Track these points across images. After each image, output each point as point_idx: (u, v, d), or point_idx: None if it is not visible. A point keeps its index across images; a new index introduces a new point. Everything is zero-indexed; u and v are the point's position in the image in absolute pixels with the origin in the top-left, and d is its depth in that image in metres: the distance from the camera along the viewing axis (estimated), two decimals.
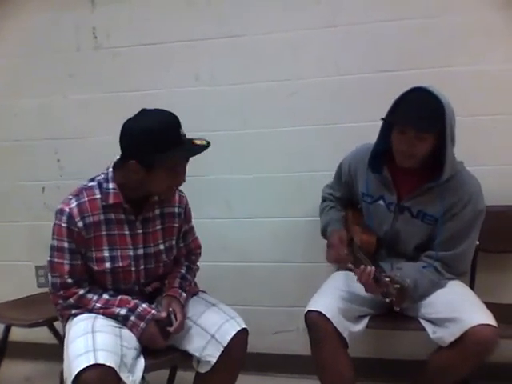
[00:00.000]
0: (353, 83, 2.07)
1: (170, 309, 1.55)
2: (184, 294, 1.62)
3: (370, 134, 1.71)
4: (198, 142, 1.50)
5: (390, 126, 1.64)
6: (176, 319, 1.53)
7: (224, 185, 2.25)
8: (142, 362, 1.48)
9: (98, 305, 1.53)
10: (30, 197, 2.42)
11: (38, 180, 2.41)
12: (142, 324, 1.51)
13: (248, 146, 2.20)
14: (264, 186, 2.21)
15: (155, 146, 1.41)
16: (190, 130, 2.10)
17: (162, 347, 1.54)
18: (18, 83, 2.38)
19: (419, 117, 1.52)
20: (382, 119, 1.62)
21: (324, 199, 2.00)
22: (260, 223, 2.24)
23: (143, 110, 1.49)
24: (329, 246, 1.79)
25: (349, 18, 2.04)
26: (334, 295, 1.67)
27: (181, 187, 1.72)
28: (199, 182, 2.22)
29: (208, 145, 1.50)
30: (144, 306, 1.54)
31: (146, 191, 1.54)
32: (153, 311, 1.54)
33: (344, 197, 1.93)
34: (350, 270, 1.67)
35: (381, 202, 1.74)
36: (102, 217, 1.52)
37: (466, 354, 1.49)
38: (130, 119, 1.47)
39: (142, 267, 1.60)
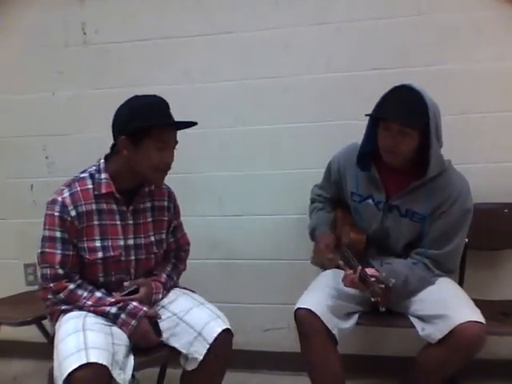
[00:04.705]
0: (344, 81, 2.07)
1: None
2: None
3: (361, 132, 1.71)
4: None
5: (377, 124, 1.64)
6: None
7: (215, 182, 2.24)
8: (131, 359, 1.47)
9: (89, 302, 1.52)
10: (18, 194, 2.40)
11: (27, 177, 2.38)
12: (134, 322, 1.50)
13: (239, 142, 2.19)
14: (255, 183, 2.21)
15: (139, 117, 1.46)
16: None
17: (154, 344, 1.54)
18: (6, 80, 2.35)
19: (402, 111, 1.54)
20: (367, 115, 1.62)
21: (313, 200, 2.00)
22: (251, 220, 2.24)
23: (134, 96, 1.54)
24: (315, 251, 1.80)
25: (339, 15, 2.04)
26: (323, 293, 1.68)
27: (172, 183, 1.72)
28: (190, 179, 2.22)
29: (192, 123, 1.54)
30: (135, 303, 1.53)
31: (136, 175, 1.55)
32: (144, 308, 1.53)
33: (333, 196, 1.93)
34: (338, 267, 1.68)
35: (370, 200, 1.75)
36: (94, 206, 1.54)
37: (454, 351, 1.50)
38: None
39: (133, 257, 1.61)
